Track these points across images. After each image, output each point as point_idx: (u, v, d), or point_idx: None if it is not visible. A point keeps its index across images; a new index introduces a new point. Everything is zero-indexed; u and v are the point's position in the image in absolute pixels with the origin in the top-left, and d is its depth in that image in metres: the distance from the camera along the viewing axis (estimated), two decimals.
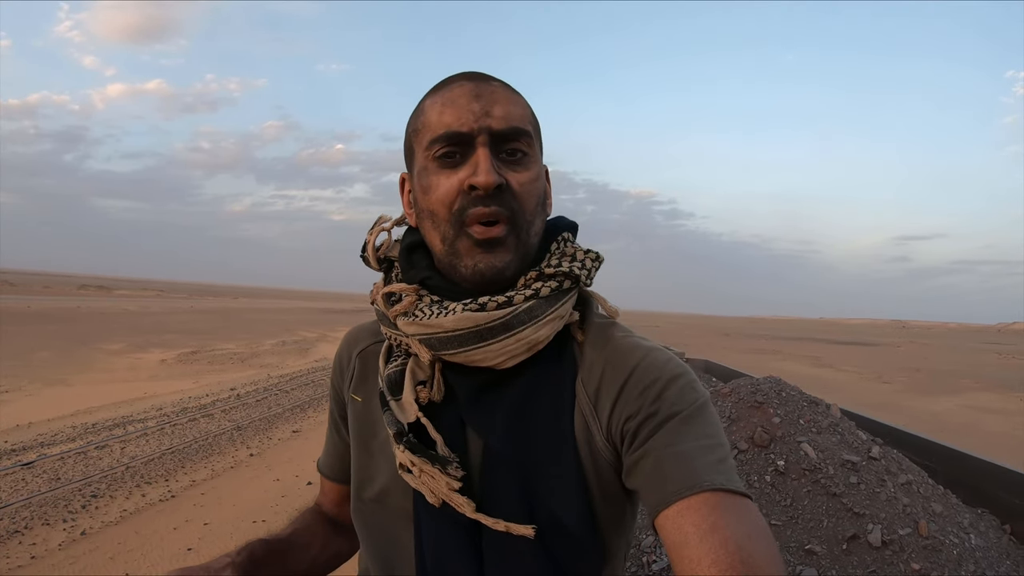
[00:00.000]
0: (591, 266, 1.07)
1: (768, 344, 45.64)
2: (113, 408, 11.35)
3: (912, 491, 3.31)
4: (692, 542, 0.81)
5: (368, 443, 1.16)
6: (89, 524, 6.12)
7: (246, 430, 10.23)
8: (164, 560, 5.48)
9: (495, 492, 0.98)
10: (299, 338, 29.00)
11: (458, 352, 0.98)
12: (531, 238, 1.03)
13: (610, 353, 1.04)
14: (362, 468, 1.16)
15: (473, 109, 0.99)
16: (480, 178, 0.96)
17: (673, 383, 0.97)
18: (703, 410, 0.95)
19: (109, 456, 8.25)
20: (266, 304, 76.53)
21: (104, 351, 19.50)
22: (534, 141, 1.04)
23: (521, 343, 0.98)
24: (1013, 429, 14.49)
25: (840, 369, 28.24)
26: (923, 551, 2.90)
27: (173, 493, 7.16)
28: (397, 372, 1.08)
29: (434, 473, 0.97)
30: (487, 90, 1.01)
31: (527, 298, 0.98)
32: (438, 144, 1.00)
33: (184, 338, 24.74)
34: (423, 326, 0.99)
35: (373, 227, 1.19)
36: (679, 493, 0.86)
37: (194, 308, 51.53)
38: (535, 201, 1.03)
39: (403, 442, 1.01)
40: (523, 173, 1.01)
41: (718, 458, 0.90)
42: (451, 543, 0.99)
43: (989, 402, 18.94)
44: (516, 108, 1.03)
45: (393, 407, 1.05)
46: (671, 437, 0.92)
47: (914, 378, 25.28)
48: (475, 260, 0.99)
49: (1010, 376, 26.86)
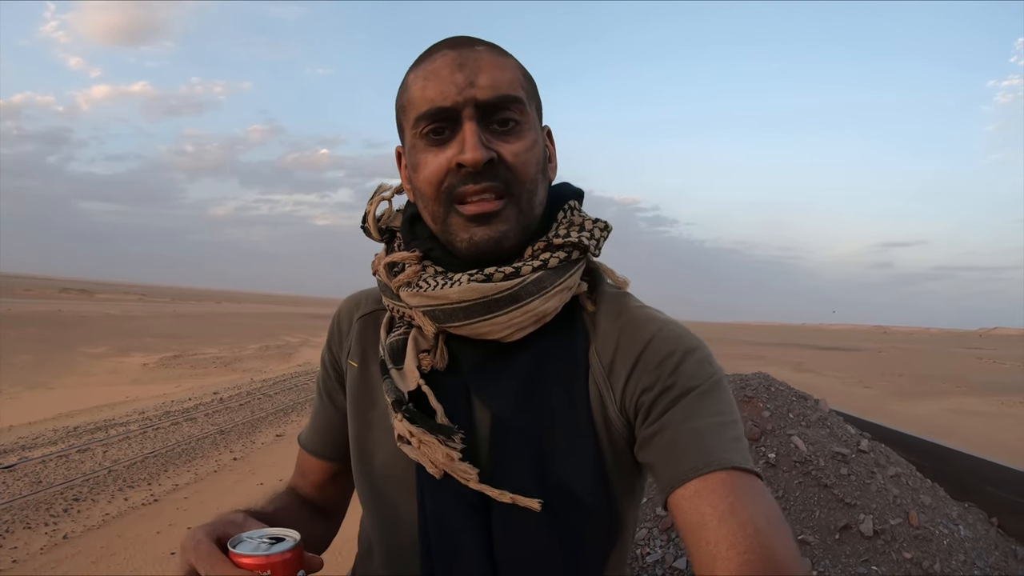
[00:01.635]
0: (599, 236, 1.04)
1: (751, 350, 45.82)
2: (95, 411, 11.28)
3: (901, 483, 3.34)
4: (710, 523, 0.80)
5: (366, 413, 1.12)
6: (71, 528, 6.08)
7: (229, 434, 10.19)
8: (147, 564, 5.46)
9: (505, 463, 0.96)
10: (282, 343, 28.90)
11: (463, 324, 0.96)
12: (533, 208, 1.00)
13: (625, 323, 1.01)
14: (360, 439, 1.13)
15: (456, 81, 0.94)
16: (467, 155, 0.92)
17: (690, 356, 0.96)
18: (718, 385, 0.94)
19: (91, 460, 8.20)
20: (249, 309, 76.29)
21: (86, 355, 19.36)
22: (527, 106, 1.00)
23: (529, 315, 0.95)
24: (995, 432, 14.61)
25: (822, 374, 28.38)
26: (914, 540, 2.94)
27: (156, 497, 7.12)
28: (399, 340, 1.05)
29: (433, 443, 0.94)
30: (471, 57, 0.96)
31: (535, 269, 0.95)
32: (423, 121, 0.96)
33: (166, 342, 24.61)
34: (427, 297, 0.96)
35: (373, 196, 1.16)
36: (696, 471, 0.85)
37: (176, 312, 51.29)
38: (533, 170, 0.99)
39: (402, 411, 0.97)
40: (517, 143, 0.97)
41: (733, 436, 0.89)
42: (456, 516, 0.97)
43: (971, 405, 19.08)
44: (504, 73, 0.98)
45: (394, 375, 1.01)
46: (687, 412, 0.91)
47: (896, 383, 25.43)
48: (470, 233, 0.96)
49: (991, 380, 27.07)
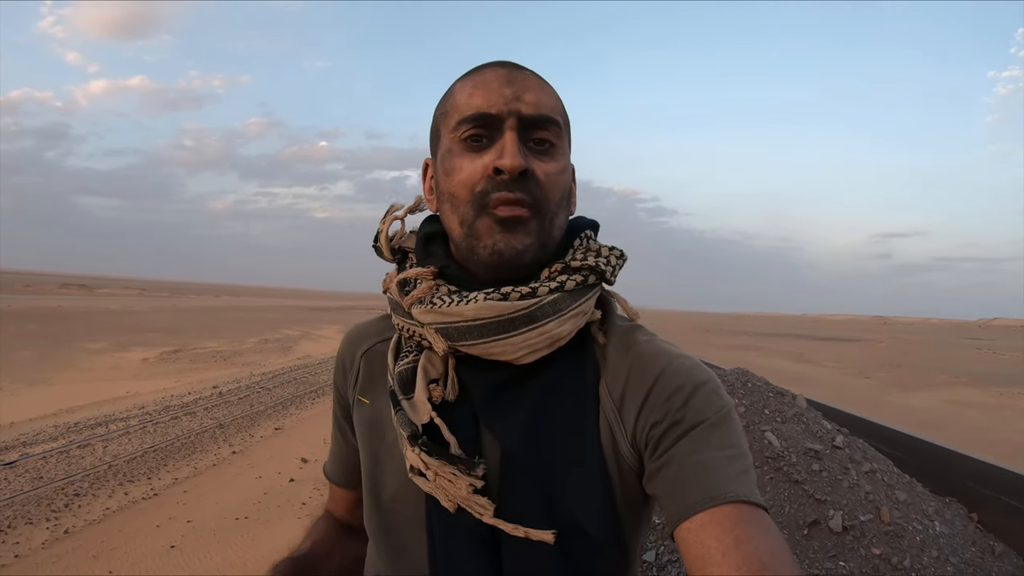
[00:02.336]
0: (615, 263, 1.05)
1: (750, 341, 45.84)
2: (95, 407, 11.36)
3: (876, 479, 3.37)
4: (715, 557, 0.80)
5: (376, 447, 1.12)
6: (72, 523, 6.15)
7: (228, 428, 10.27)
8: (147, 558, 5.53)
9: (513, 496, 0.95)
10: (282, 336, 28.95)
11: (477, 343, 0.95)
12: (553, 230, 1.00)
13: (635, 358, 1.01)
14: (371, 472, 1.12)
15: (504, 93, 0.97)
16: (507, 161, 0.93)
17: (699, 390, 0.95)
18: (727, 418, 0.94)
19: (92, 455, 8.27)
20: (248, 302, 76.20)
21: (86, 350, 19.44)
22: (563, 133, 1.02)
23: (544, 337, 0.95)
24: (993, 423, 14.67)
25: (821, 365, 28.42)
26: (884, 537, 2.97)
27: (156, 491, 7.19)
28: (408, 369, 1.03)
29: (452, 476, 0.93)
30: (520, 76, 1.00)
31: (552, 290, 0.95)
32: (466, 125, 0.98)
33: (166, 337, 24.65)
34: (441, 314, 0.96)
35: (385, 216, 1.16)
36: (702, 504, 0.85)
37: (176, 306, 51.30)
38: (560, 193, 1.00)
39: (418, 444, 0.96)
40: (550, 163, 0.98)
41: (740, 469, 0.89)
42: (466, 549, 0.96)
43: (969, 396, 19.13)
44: (547, 98, 1.00)
45: (405, 407, 1.00)
46: (695, 445, 0.90)
47: (895, 373, 25.47)
48: (495, 240, 0.96)
49: (990, 371, 27.11)
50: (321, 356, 22.09)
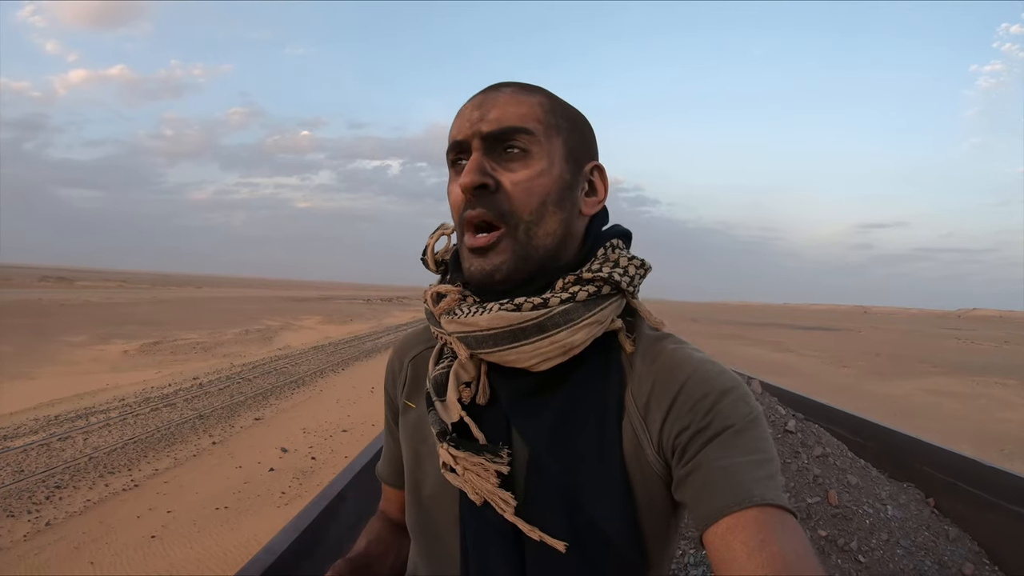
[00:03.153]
0: (634, 273, 1.05)
1: (733, 329, 46.03)
2: (76, 400, 11.37)
3: (827, 463, 3.45)
4: (740, 559, 0.81)
5: (418, 448, 1.15)
6: (53, 515, 6.21)
7: (208, 419, 10.32)
8: (128, 548, 5.60)
9: (536, 497, 0.99)
10: (262, 327, 28.88)
11: (492, 351, 0.99)
12: (534, 239, 1.01)
13: (660, 366, 1.02)
14: (413, 472, 1.16)
15: (472, 117, 1.01)
16: (462, 180, 0.98)
17: (725, 396, 0.96)
18: (755, 424, 0.95)
19: (72, 447, 8.31)
20: (229, 293, 75.74)
21: (66, 343, 19.34)
22: (539, 138, 1.01)
23: (555, 346, 0.97)
24: (970, 412, 14.83)
25: (802, 354, 28.59)
26: (832, 519, 3.05)
27: (136, 482, 7.25)
28: (443, 374, 1.08)
29: (479, 467, 0.98)
30: (491, 98, 1.02)
31: (563, 301, 0.97)
32: (450, 154, 1.05)
33: (147, 329, 24.54)
34: (461, 324, 1.00)
35: (435, 231, 1.21)
36: (728, 508, 0.85)
37: (157, 298, 50.94)
38: (536, 200, 1.00)
39: (447, 440, 1.01)
40: (520, 171, 1.00)
41: (767, 474, 0.89)
42: (493, 546, 1.00)
43: (947, 386, 19.24)
44: (518, 108, 1.01)
45: (438, 407, 1.05)
46: (721, 451, 0.91)
47: (874, 362, 25.65)
48: (470, 263, 1.01)
49: (969, 360, 27.31)
50: (301, 347, 22.10)
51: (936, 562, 2.95)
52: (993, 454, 10.14)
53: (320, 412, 11.42)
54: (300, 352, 20.48)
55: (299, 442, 9.33)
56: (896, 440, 3.83)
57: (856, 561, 2.87)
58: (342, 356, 19.92)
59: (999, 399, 16.80)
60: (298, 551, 1.89)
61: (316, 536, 2.04)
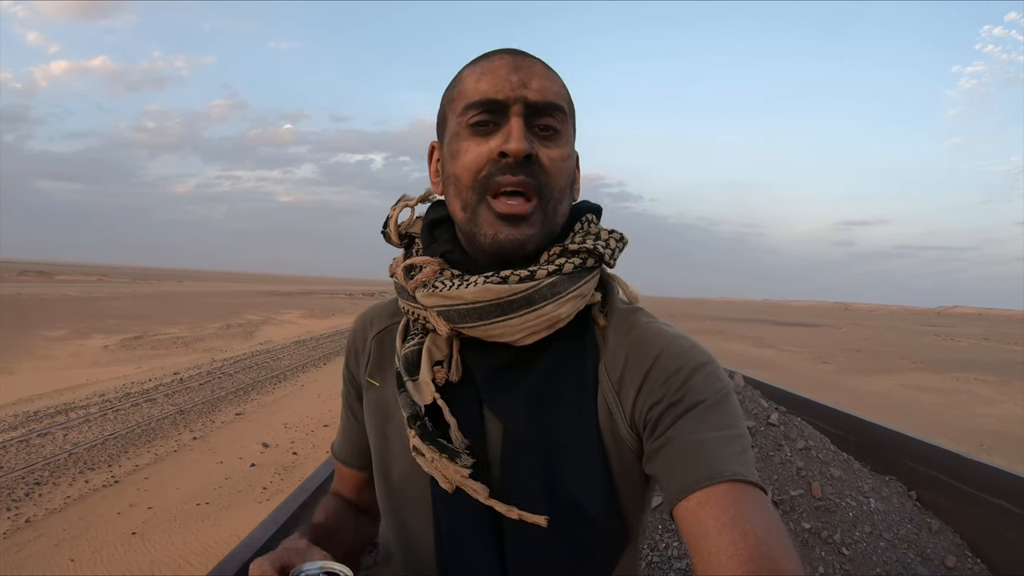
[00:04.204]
0: (615, 246, 1.06)
1: (712, 325, 46.16)
2: (55, 395, 11.27)
3: (810, 456, 3.46)
4: (711, 534, 0.82)
5: (384, 427, 1.14)
6: (33, 512, 6.16)
7: (189, 414, 10.26)
8: (109, 545, 5.56)
9: (515, 476, 0.98)
10: (244, 321, 28.75)
11: (477, 326, 0.97)
12: (557, 216, 1.02)
13: (634, 340, 1.03)
14: (379, 452, 1.15)
15: (511, 80, 0.98)
16: (512, 145, 0.94)
17: (698, 371, 0.96)
18: (726, 399, 0.95)
19: (52, 443, 8.24)
20: (211, 287, 75.42)
21: (45, 338, 19.19)
22: (568, 120, 1.03)
23: (542, 319, 0.96)
24: (948, 407, 14.95)
25: (782, 349, 28.73)
26: (815, 511, 3.06)
27: (116, 478, 7.20)
28: (414, 352, 1.06)
29: (443, 463, 0.97)
30: (527, 63, 1.01)
31: (550, 273, 0.96)
32: (473, 110, 0.99)
33: (127, 323, 24.38)
34: (443, 297, 0.98)
35: (397, 203, 1.18)
36: (699, 483, 0.86)
37: (137, 292, 50.64)
38: (564, 179, 1.01)
39: (416, 427, 1.00)
40: (554, 149, 1.00)
41: (738, 449, 0.90)
42: (468, 527, 0.99)
43: (926, 381, 19.38)
44: (553, 85, 1.01)
45: (409, 388, 1.03)
46: (693, 425, 0.92)
47: (854, 358, 25.80)
48: (495, 230, 0.98)
49: (948, 357, 27.50)
50: (283, 341, 22.02)
51: (919, 554, 2.97)
52: (972, 449, 10.22)
53: (301, 407, 11.37)
54: (281, 347, 20.39)
55: (280, 437, 9.28)
56: (878, 433, 3.86)
57: (840, 553, 2.89)
58: (324, 351, 19.84)
59: (978, 395, 16.94)
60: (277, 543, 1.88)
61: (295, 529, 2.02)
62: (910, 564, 2.91)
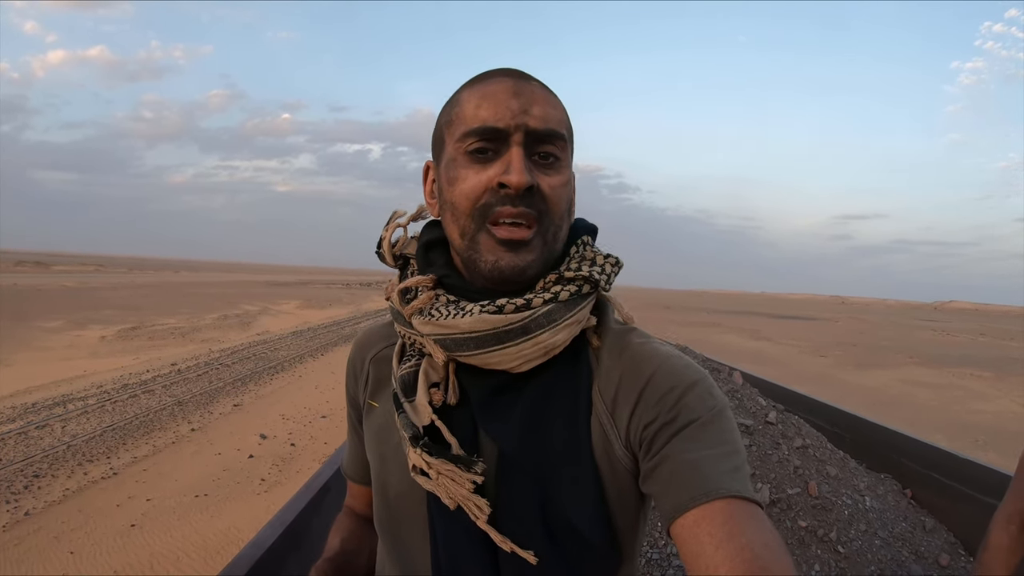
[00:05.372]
0: (611, 271, 1.05)
1: (709, 318, 46.24)
2: (53, 387, 11.28)
3: (807, 455, 3.49)
4: (708, 551, 0.81)
5: (382, 448, 1.13)
6: (32, 504, 6.18)
7: (187, 405, 10.29)
8: (108, 537, 5.59)
9: (510, 498, 0.98)
10: (241, 312, 28.77)
11: (474, 354, 0.97)
12: (556, 243, 1.02)
13: (627, 360, 1.02)
14: (379, 473, 1.14)
15: (512, 106, 0.96)
16: (513, 177, 0.93)
17: (691, 390, 0.96)
18: (720, 416, 0.95)
19: (50, 435, 8.26)
20: (208, 278, 75.32)
21: (42, 329, 19.17)
22: (567, 146, 1.02)
23: (538, 347, 0.96)
24: (945, 403, 15.00)
25: (778, 343, 28.79)
26: (812, 510, 3.09)
27: (115, 470, 7.23)
28: (410, 373, 1.05)
29: (454, 473, 0.96)
30: (527, 88, 0.99)
31: (546, 302, 0.96)
32: (472, 138, 0.97)
33: (124, 314, 24.36)
34: (439, 326, 0.98)
35: (388, 223, 1.16)
36: (695, 500, 0.86)
37: (134, 283, 50.55)
38: (563, 206, 1.00)
39: (419, 445, 0.99)
40: (555, 177, 0.98)
41: (733, 466, 0.90)
42: (466, 548, 0.99)
43: (923, 376, 19.43)
44: (554, 111, 1.00)
45: (407, 409, 1.03)
46: (687, 444, 0.91)
47: (850, 352, 25.86)
48: (496, 257, 0.96)
49: (944, 352, 27.57)
50: (280, 332, 22.05)
51: (913, 552, 3.00)
52: (967, 445, 10.28)
53: (299, 398, 11.41)
54: (279, 337, 20.43)
55: (278, 428, 9.32)
56: (873, 432, 3.88)
57: (835, 551, 2.91)
58: (321, 341, 19.89)
59: (974, 391, 17.02)
60: (285, 544, 1.90)
61: (303, 529, 2.04)
62: (904, 562, 2.94)
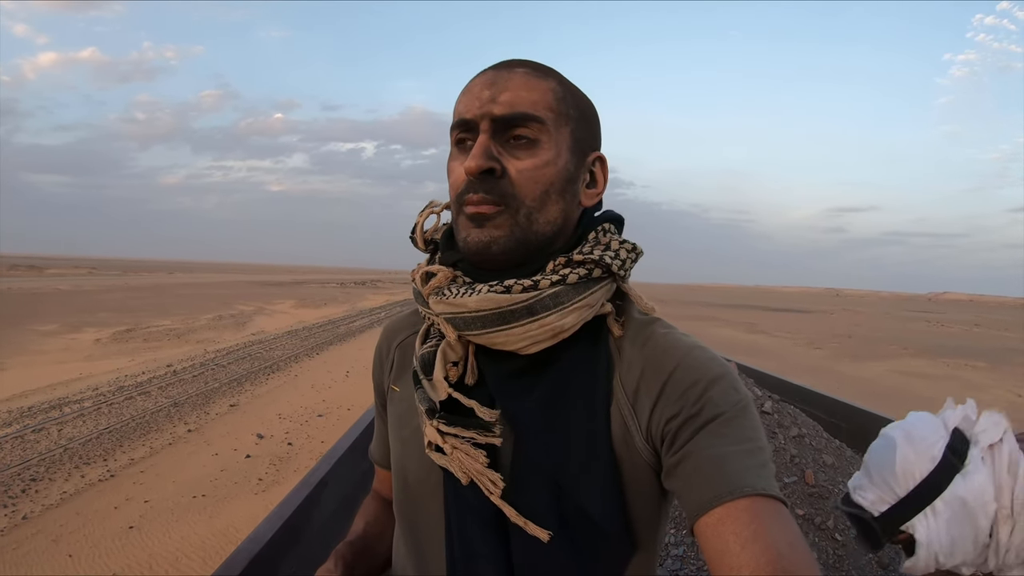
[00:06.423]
0: (625, 257, 1.04)
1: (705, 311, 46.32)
2: (48, 390, 11.27)
3: (803, 444, 3.51)
4: (733, 550, 0.80)
5: (403, 432, 1.14)
6: (30, 508, 6.18)
7: (183, 406, 10.29)
8: (106, 540, 5.59)
9: (523, 481, 0.98)
10: (236, 312, 28.76)
11: (481, 333, 0.98)
12: (534, 224, 0.99)
13: (650, 351, 1.01)
14: (398, 456, 1.15)
15: (482, 97, 0.98)
16: (468, 163, 0.95)
17: (715, 384, 0.94)
18: (745, 412, 0.93)
19: (47, 439, 8.25)
20: (202, 279, 75.13)
21: (37, 332, 19.16)
22: (549, 127, 1.00)
23: (544, 329, 0.96)
24: (939, 393, 15.01)
25: (774, 335, 28.87)
26: (808, 498, 3.11)
27: (112, 472, 7.22)
28: (430, 352, 1.06)
29: (469, 444, 0.98)
30: (503, 77, 1.00)
31: (553, 283, 0.96)
32: (455, 130, 1.01)
33: (119, 316, 24.33)
34: (449, 305, 0.98)
35: (424, 209, 1.18)
36: (719, 498, 0.85)
37: (128, 285, 50.43)
38: (539, 188, 0.99)
39: (436, 417, 1.00)
40: (525, 160, 0.98)
41: (759, 462, 0.89)
42: (477, 530, 0.99)
43: (917, 367, 19.54)
44: (529, 93, 0.99)
45: (425, 385, 1.04)
46: (712, 439, 0.90)
47: (845, 344, 25.94)
48: (467, 233, 0.99)
49: (938, 343, 27.69)
50: (275, 332, 22.03)
51: None
52: None
53: (295, 397, 11.42)
54: (274, 337, 20.43)
55: (275, 428, 9.33)
56: (868, 421, 3.89)
57: (833, 539, 2.93)
58: (316, 340, 19.89)
59: (968, 381, 17.12)
60: (283, 539, 1.90)
61: (301, 523, 2.04)
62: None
